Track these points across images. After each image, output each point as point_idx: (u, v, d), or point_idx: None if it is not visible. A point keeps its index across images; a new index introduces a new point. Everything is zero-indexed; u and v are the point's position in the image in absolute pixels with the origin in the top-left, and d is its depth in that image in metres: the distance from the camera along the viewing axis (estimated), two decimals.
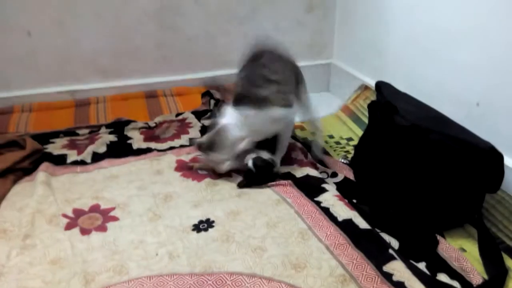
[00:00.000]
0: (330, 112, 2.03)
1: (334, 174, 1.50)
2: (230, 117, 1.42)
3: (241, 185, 1.41)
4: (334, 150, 1.72)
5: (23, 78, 1.95)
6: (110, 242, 1.17)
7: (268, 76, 1.43)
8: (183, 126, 1.79)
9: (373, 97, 1.87)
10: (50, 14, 1.89)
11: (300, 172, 1.46)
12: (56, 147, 1.62)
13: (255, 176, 1.41)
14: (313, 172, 1.46)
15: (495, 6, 1.36)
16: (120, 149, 1.62)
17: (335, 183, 1.44)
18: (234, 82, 1.52)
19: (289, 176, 1.45)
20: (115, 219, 1.26)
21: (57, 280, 1.05)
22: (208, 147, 1.41)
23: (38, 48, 1.92)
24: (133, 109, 1.94)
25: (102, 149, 1.62)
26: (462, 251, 1.18)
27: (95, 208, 1.31)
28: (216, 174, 1.45)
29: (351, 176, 1.49)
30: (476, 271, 1.09)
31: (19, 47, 1.90)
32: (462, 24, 1.49)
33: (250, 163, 1.42)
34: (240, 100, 1.43)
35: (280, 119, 1.44)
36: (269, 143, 1.46)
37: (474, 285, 1.05)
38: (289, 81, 1.48)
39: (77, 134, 1.73)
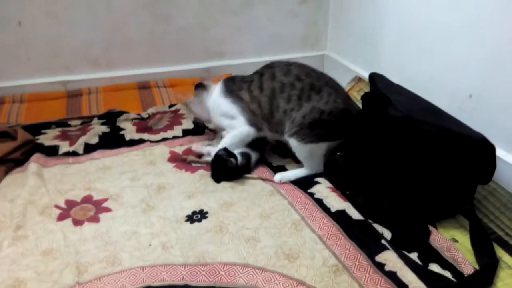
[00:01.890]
0: None
1: None
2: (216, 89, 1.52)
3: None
4: None
5: (14, 69, 1.93)
6: (103, 233, 1.17)
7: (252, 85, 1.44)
8: (176, 117, 1.78)
9: (366, 89, 1.87)
10: (41, 4, 1.87)
11: (294, 167, 1.46)
12: (47, 138, 1.61)
13: (212, 167, 1.41)
14: None
15: (488, 0, 1.36)
16: (113, 140, 1.61)
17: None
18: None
19: (283, 170, 1.45)
20: (108, 210, 1.26)
21: (49, 271, 1.04)
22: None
23: (29, 38, 1.90)
24: (126, 100, 1.93)
25: (94, 140, 1.61)
26: (454, 242, 1.18)
27: (87, 199, 1.30)
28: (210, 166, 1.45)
29: None
30: (467, 261, 1.10)
31: (9, 37, 1.87)
32: (456, 17, 1.49)
33: (212, 153, 1.41)
34: (231, 80, 1.51)
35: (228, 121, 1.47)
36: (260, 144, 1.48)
37: (466, 275, 1.06)
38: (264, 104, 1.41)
39: (69, 125, 1.71)
